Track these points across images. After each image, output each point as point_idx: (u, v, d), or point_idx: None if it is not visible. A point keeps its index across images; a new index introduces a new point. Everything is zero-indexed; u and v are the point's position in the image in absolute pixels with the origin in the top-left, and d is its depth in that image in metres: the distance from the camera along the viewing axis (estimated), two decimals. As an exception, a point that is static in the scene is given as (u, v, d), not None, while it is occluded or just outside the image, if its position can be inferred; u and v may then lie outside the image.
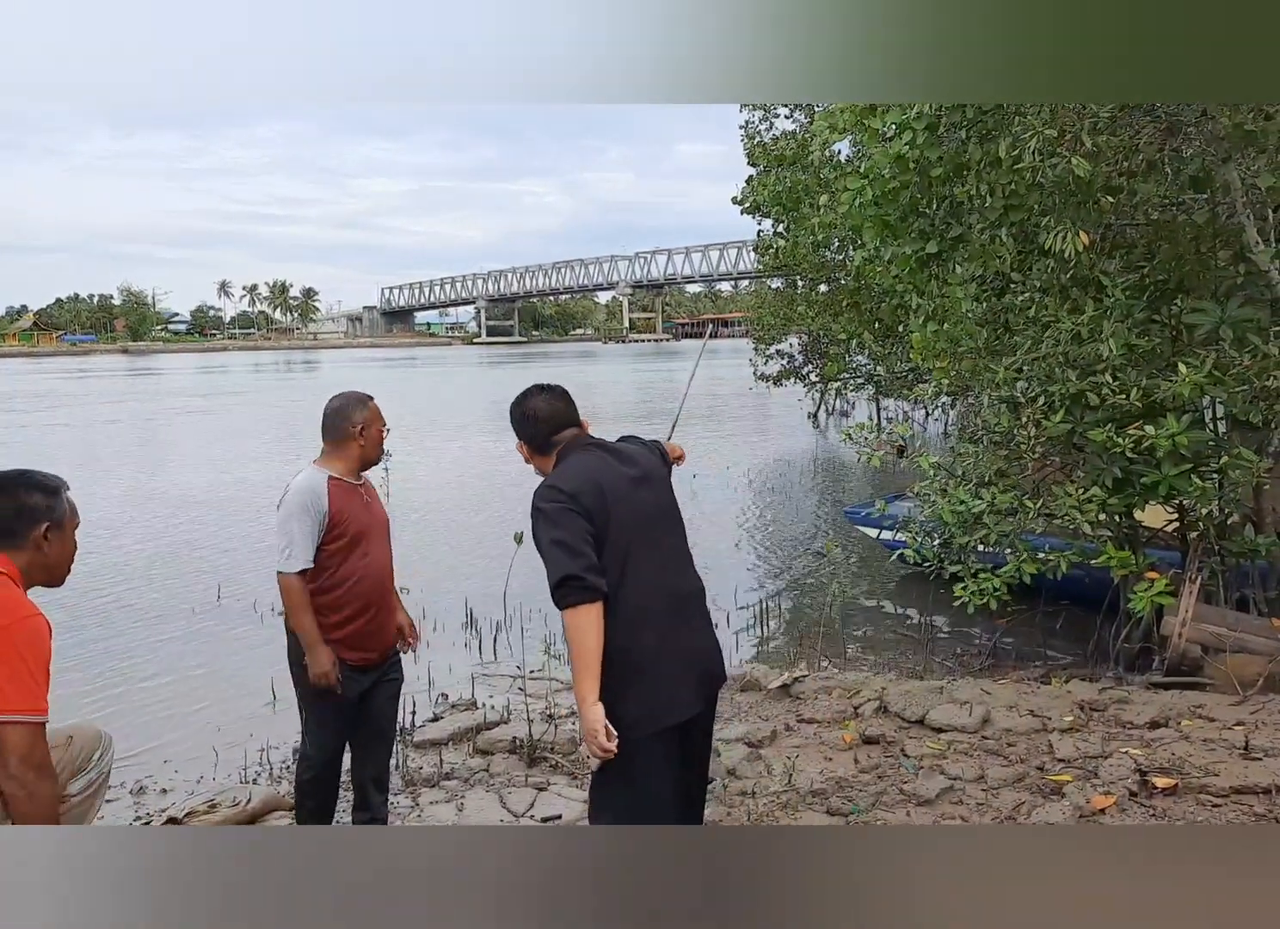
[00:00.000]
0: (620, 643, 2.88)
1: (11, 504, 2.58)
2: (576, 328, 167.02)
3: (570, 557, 2.85)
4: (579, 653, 2.85)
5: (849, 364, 18.43)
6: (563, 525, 2.89)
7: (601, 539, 2.91)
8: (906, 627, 8.20)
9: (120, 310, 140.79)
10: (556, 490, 2.95)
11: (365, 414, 3.85)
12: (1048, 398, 5.65)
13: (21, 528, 2.58)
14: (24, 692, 2.38)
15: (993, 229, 5.84)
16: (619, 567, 2.93)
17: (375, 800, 4.04)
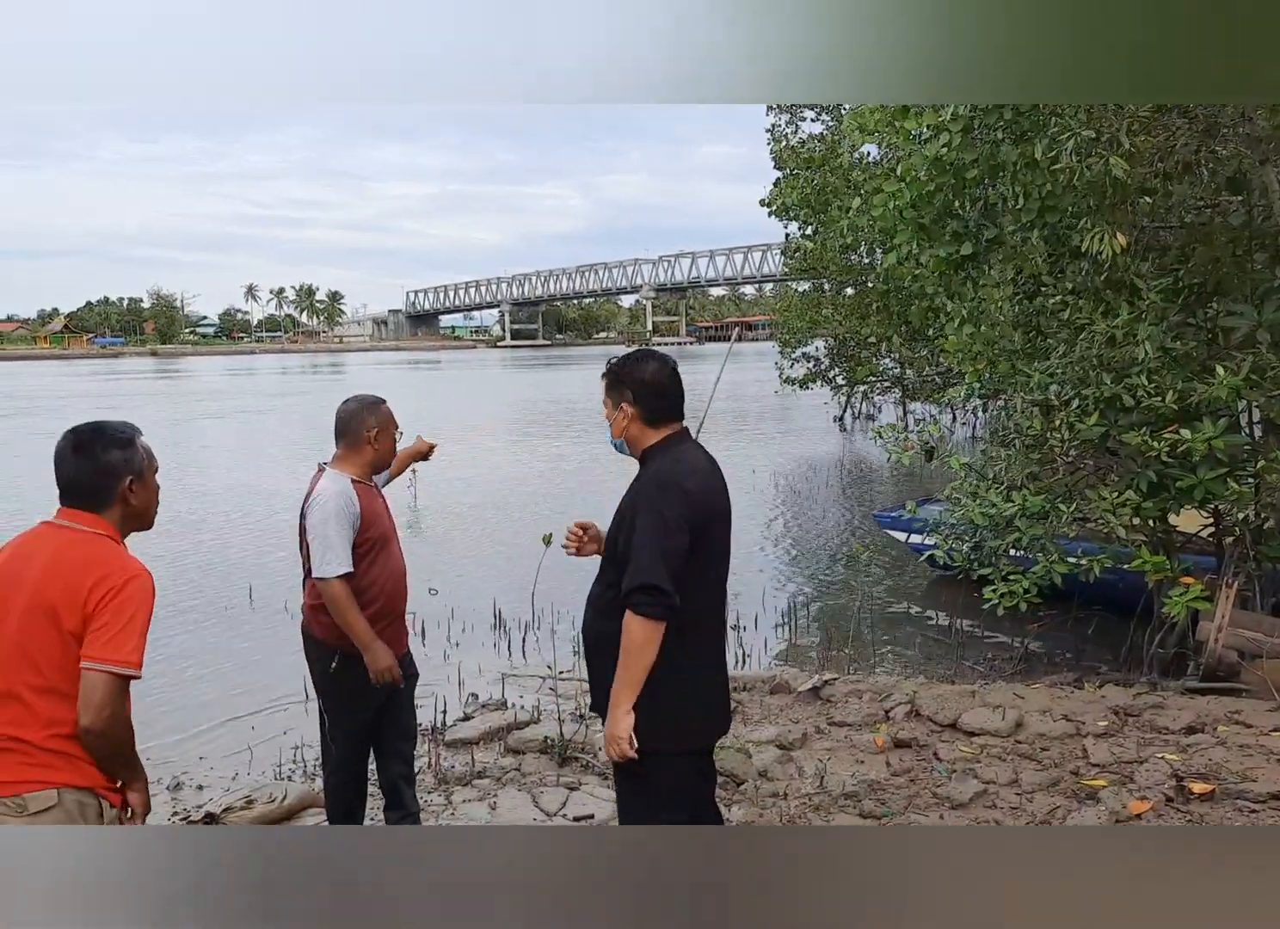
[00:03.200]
0: (677, 657, 2.83)
1: (92, 464, 2.57)
2: (600, 331, 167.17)
3: (666, 567, 2.74)
4: (632, 663, 2.78)
5: (877, 367, 18.37)
6: (673, 531, 2.77)
7: (695, 552, 2.82)
8: (936, 630, 8.17)
9: (149, 313, 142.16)
10: (682, 491, 2.82)
11: (378, 418, 3.83)
12: (1081, 401, 5.61)
13: (106, 486, 2.58)
14: (131, 646, 2.45)
15: (1025, 231, 5.82)
16: (698, 583, 2.85)
17: (408, 796, 4.06)
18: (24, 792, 2.41)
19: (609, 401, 3.02)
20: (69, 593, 2.46)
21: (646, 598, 2.73)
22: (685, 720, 2.91)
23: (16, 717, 2.44)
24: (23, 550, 2.59)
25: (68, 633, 2.44)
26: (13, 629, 2.47)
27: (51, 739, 2.44)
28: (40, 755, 2.43)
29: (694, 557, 2.83)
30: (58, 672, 2.45)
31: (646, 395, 2.96)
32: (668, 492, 2.83)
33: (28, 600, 2.48)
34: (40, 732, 2.43)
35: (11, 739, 2.43)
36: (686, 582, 2.81)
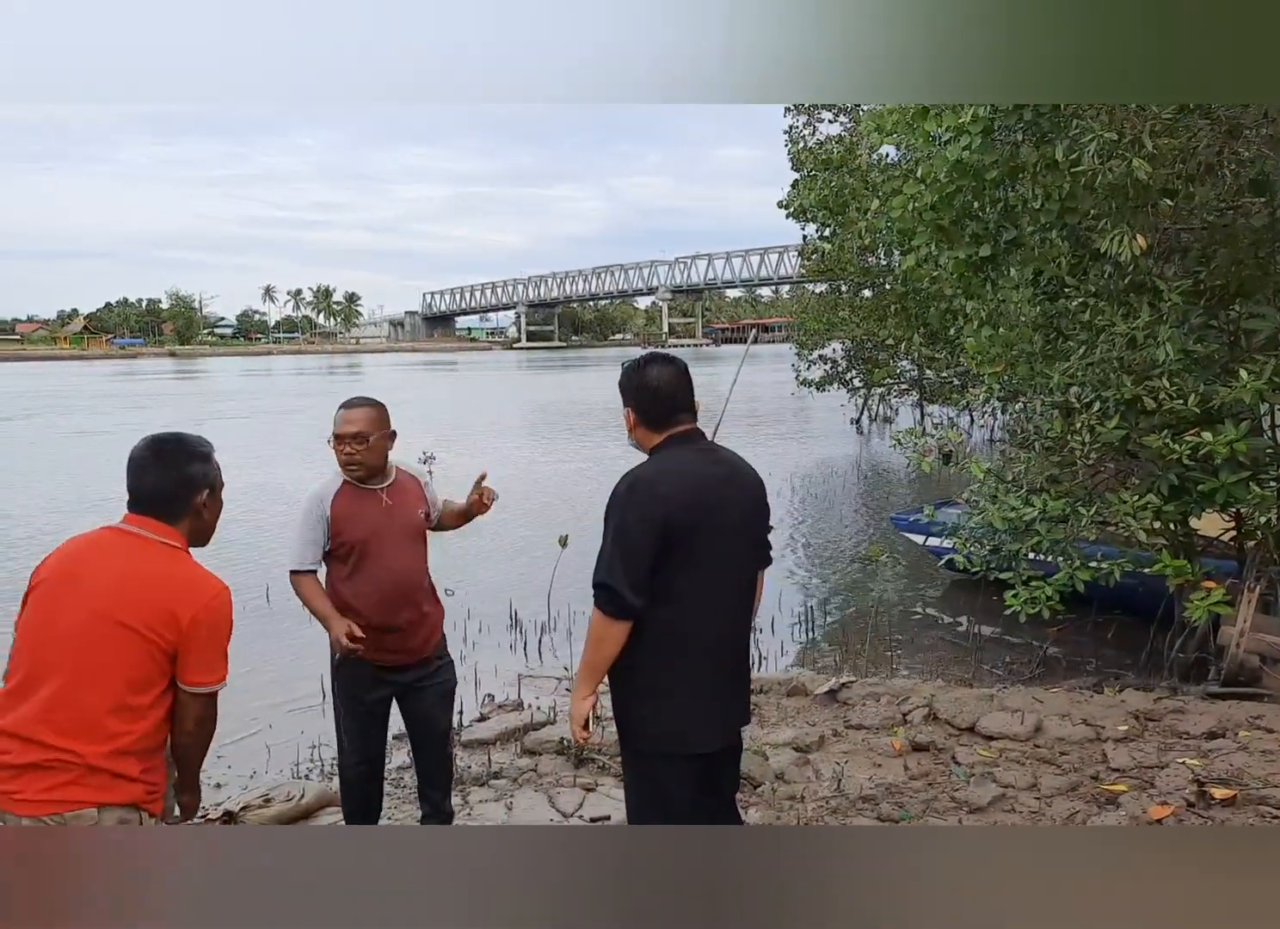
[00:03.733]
0: (664, 658, 2.85)
1: (174, 474, 2.60)
2: (616, 333, 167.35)
3: (624, 566, 2.78)
4: (592, 656, 2.87)
5: (894, 369, 18.31)
6: (635, 530, 2.80)
7: (675, 553, 2.81)
8: (954, 634, 8.13)
9: (168, 314, 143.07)
10: (650, 490, 2.84)
11: (349, 427, 3.80)
12: (1102, 403, 5.58)
13: (185, 497, 2.61)
14: (224, 663, 2.57)
15: (1045, 233, 5.79)
16: (686, 583, 2.85)
17: (433, 796, 4.08)
18: (65, 811, 2.41)
19: (623, 405, 3.08)
20: (158, 608, 2.47)
21: (602, 594, 2.82)
22: (669, 727, 2.89)
23: (76, 727, 2.42)
24: (84, 554, 2.59)
25: (155, 647, 2.46)
26: (73, 633, 2.46)
27: (108, 756, 2.43)
28: (88, 775, 2.42)
29: (670, 560, 2.81)
30: (129, 684, 2.45)
31: (645, 400, 3.00)
32: (635, 493, 2.85)
33: (98, 608, 2.47)
34: (99, 746, 2.42)
35: (65, 751, 2.41)
36: (667, 584, 2.81)
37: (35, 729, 2.42)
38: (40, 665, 2.46)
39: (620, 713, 2.97)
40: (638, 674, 2.87)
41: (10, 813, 2.43)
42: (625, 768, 3.06)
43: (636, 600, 2.79)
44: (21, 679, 2.47)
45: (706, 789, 3.02)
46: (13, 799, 2.42)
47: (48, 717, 2.42)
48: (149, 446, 2.63)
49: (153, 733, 2.52)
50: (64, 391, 46.04)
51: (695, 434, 3.02)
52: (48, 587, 2.55)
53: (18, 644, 2.53)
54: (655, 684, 2.87)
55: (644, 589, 2.79)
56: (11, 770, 2.42)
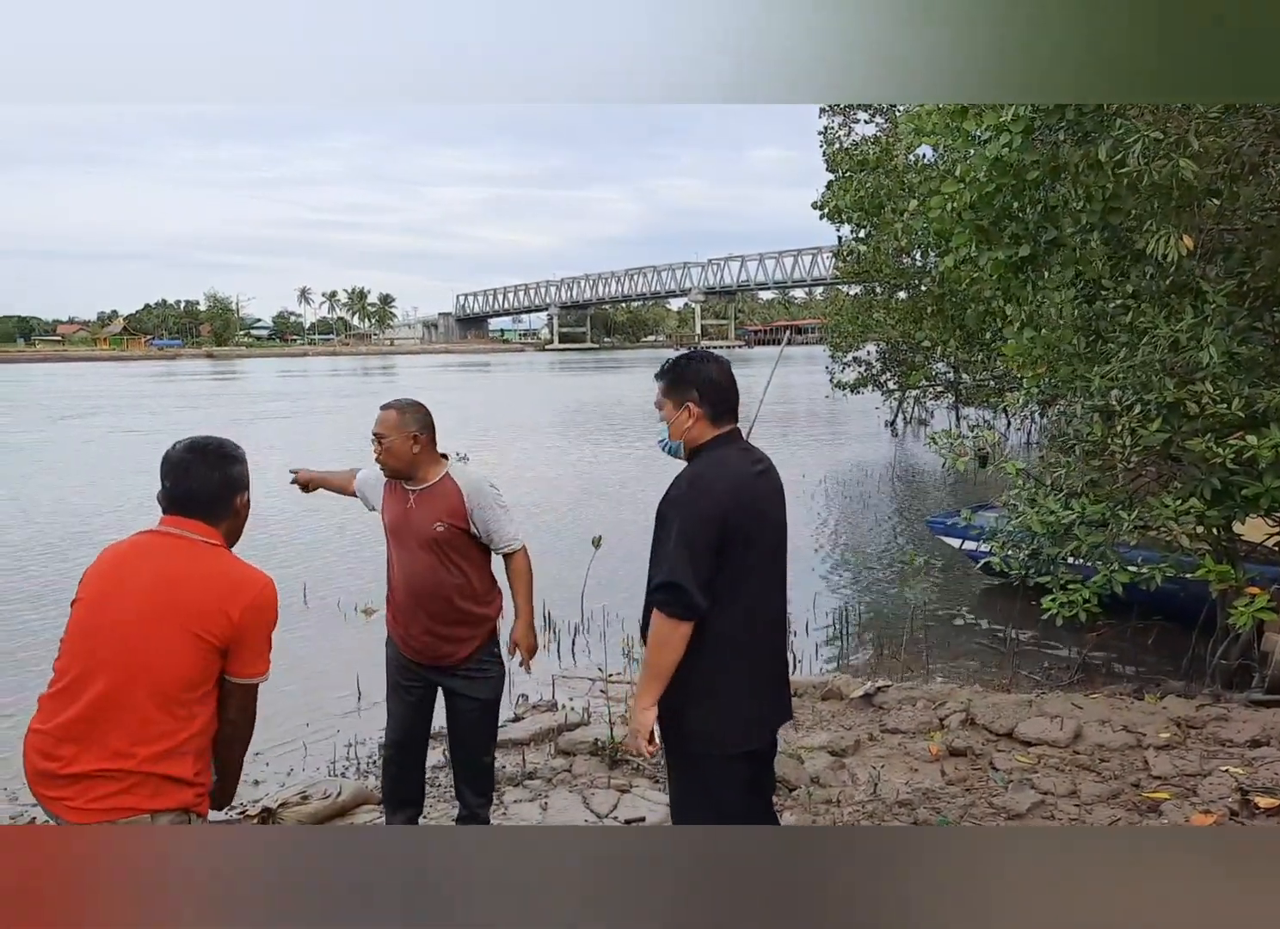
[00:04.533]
0: (717, 660, 2.84)
1: (218, 476, 2.66)
2: (649, 334, 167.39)
3: (690, 566, 2.75)
4: (656, 662, 2.81)
5: (930, 372, 18.18)
6: (699, 529, 2.78)
7: (729, 554, 2.81)
8: (991, 638, 8.06)
9: (206, 316, 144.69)
10: (710, 488, 2.84)
11: (375, 427, 3.89)
12: (1144, 406, 5.50)
13: (229, 498, 2.68)
14: (268, 656, 2.64)
15: (1085, 234, 5.72)
16: (736, 585, 2.84)
17: (469, 799, 4.10)
18: (118, 818, 2.44)
19: (670, 401, 3.00)
20: (209, 606, 2.52)
21: (667, 596, 2.76)
22: (726, 725, 2.89)
23: (128, 726, 2.45)
24: (128, 559, 2.63)
25: (208, 645, 2.50)
26: (123, 634, 2.49)
27: (160, 758, 2.47)
28: (141, 783, 2.46)
29: (726, 559, 2.81)
30: (180, 683, 2.49)
31: (711, 393, 2.96)
32: (697, 491, 2.84)
33: (148, 609, 2.50)
34: (151, 746, 2.46)
35: (117, 756, 2.44)
36: (721, 584, 2.80)
37: (86, 729, 2.45)
38: (90, 667, 2.49)
39: (671, 717, 2.91)
40: (692, 676, 2.82)
41: (65, 819, 2.46)
42: (672, 771, 3.03)
43: (703, 601, 2.76)
44: (70, 681, 2.50)
45: (753, 789, 3.03)
46: (65, 806, 2.45)
47: (98, 716, 2.45)
48: (189, 450, 2.67)
49: (203, 731, 2.55)
50: (114, 392, 46.77)
51: (737, 434, 3.04)
52: (94, 593, 2.58)
53: (64, 650, 2.57)
54: (710, 686, 2.84)
55: (708, 589, 2.77)
56: (63, 780, 2.45)
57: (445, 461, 3.93)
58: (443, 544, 3.82)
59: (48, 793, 2.48)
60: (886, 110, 16.52)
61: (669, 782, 3.13)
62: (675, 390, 2.99)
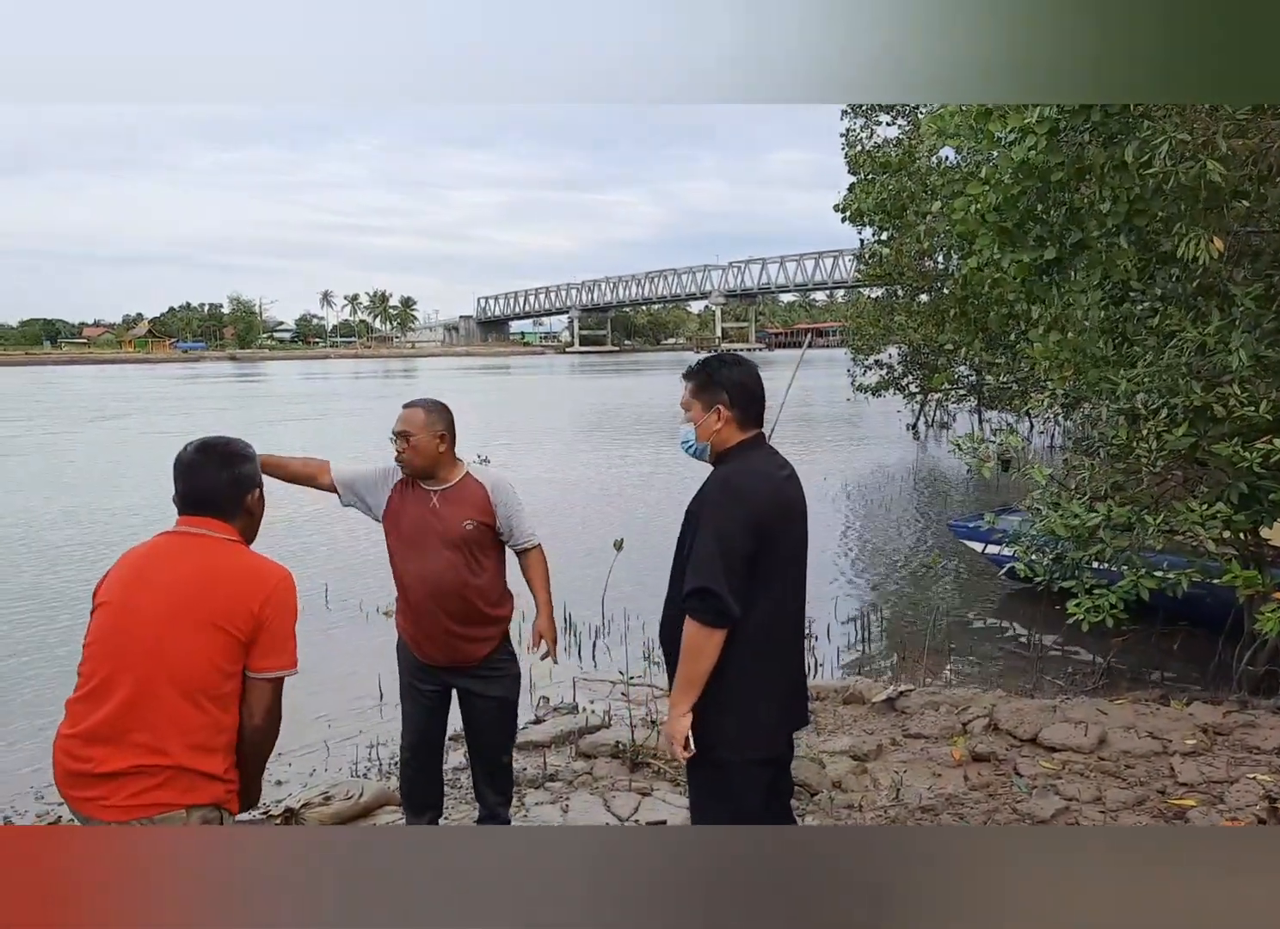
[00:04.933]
0: (740, 665, 2.82)
1: (228, 475, 2.71)
2: (669, 337, 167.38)
3: (724, 572, 2.73)
4: (689, 669, 2.80)
5: (952, 375, 18.08)
6: (733, 534, 2.76)
7: (758, 559, 2.80)
8: (1014, 643, 8.01)
9: (229, 319, 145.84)
10: (743, 492, 2.83)
11: (398, 425, 3.88)
12: (1170, 410, 5.46)
13: (238, 497, 2.71)
14: (293, 648, 2.65)
15: (1111, 236, 5.68)
16: (762, 590, 2.83)
17: (488, 799, 4.11)
18: (154, 813, 2.47)
19: (698, 404, 2.98)
20: (232, 600, 2.55)
21: (701, 603, 2.75)
22: (750, 730, 2.89)
23: (159, 721, 2.48)
24: (148, 560, 2.66)
25: (232, 638, 2.53)
26: (149, 633, 2.52)
27: (192, 752, 2.50)
28: (175, 777, 2.48)
29: (755, 565, 2.80)
30: (207, 677, 2.52)
31: (744, 397, 2.97)
32: (732, 495, 2.83)
33: (172, 606, 2.53)
34: (178, 741, 2.48)
35: (151, 752, 2.47)
36: (751, 590, 2.79)
37: (117, 728, 2.47)
38: (118, 668, 2.51)
39: (693, 722, 2.87)
40: (719, 682, 2.80)
41: (97, 818, 2.48)
42: (693, 775, 3.01)
43: (734, 606, 2.74)
44: (99, 683, 2.52)
45: (772, 793, 3.03)
46: (100, 805, 2.47)
47: (129, 714, 2.47)
48: (199, 450, 2.73)
49: (231, 726, 2.58)
50: (145, 394, 47.25)
51: (763, 438, 3.05)
52: (117, 595, 2.61)
53: (89, 653, 2.59)
54: (733, 691, 2.83)
55: (741, 595, 2.75)
56: (96, 779, 2.47)
57: (462, 463, 3.96)
58: (470, 543, 3.86)
59: (80, 794, 2.50)
60: (909, 112, 16.46)
61: (689, 785, 3.13)
62: (705, 392, 2.98)
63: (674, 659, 3.02)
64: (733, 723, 2.86)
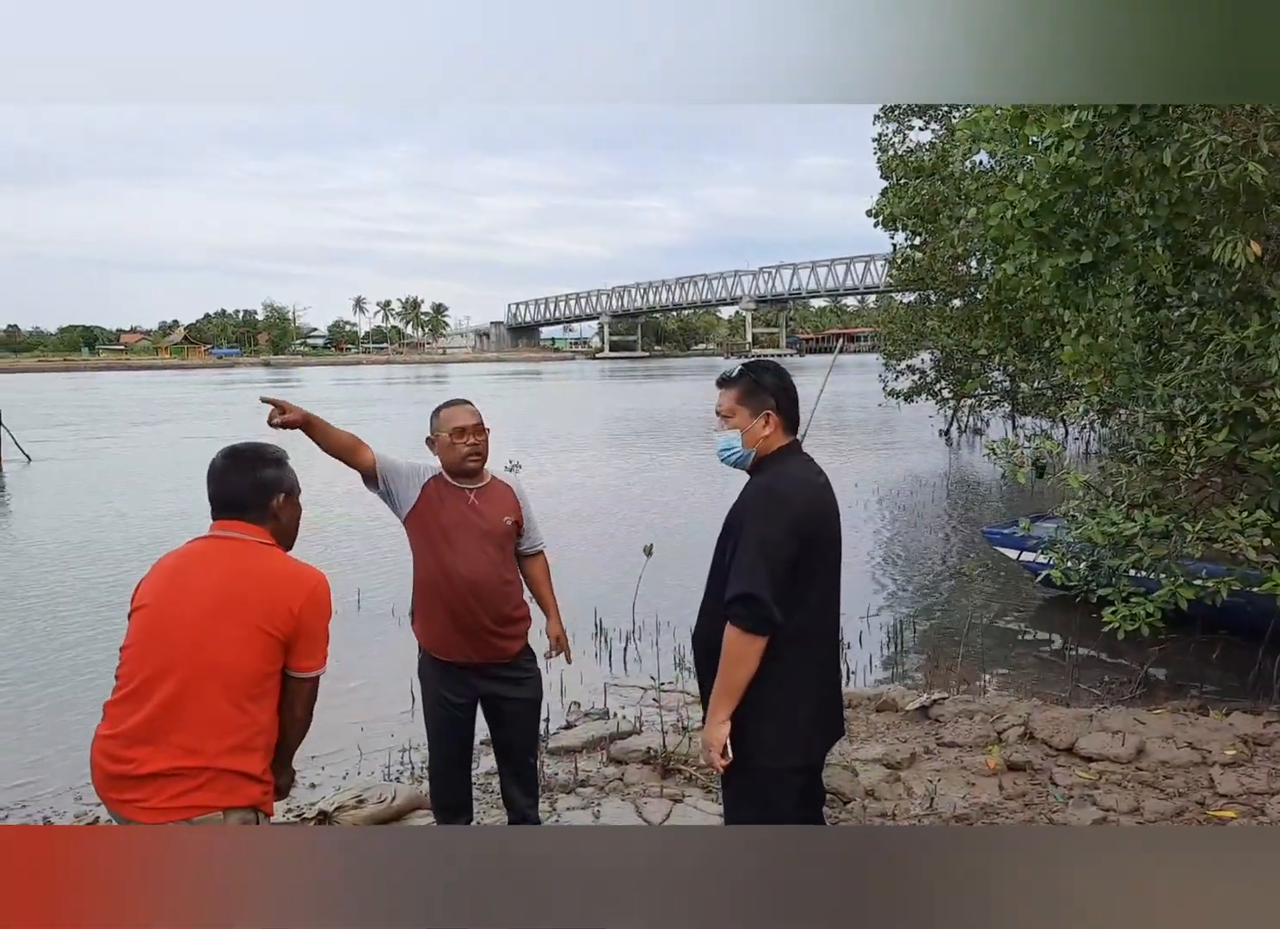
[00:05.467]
0: (778, 673, 2.80)
1: (249, 479, 2.76)
2: (699, 343, 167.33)
3: (769, 578, 2.72)
4: (729, 676, 2.78)
5: (986, 380, 17.95)
6: (777, 541, 2.75)
7: (801, 563, 2.79)
8: (1049, 651, 7.92)
9: (263, 325, 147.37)
10: (789, 500, 2.81)
11: (436, 421, 3.93)
12: (1209, 416, 5.39)
13: (261, 501, 2.76)
14: (326, 649, 2.73)
15: (1147, 240, 5.62)
16: (800, 598, 2.81)
17: (518, 803, 4.11)
18: (193, 816, 2.50)
19: (744, 410, 2.96)
20: (270, 601, 2.61)
21: (744, 609, 2.72)
22: (786, 738, 2.87)
23: (199, 722, 2.51)
24: (184, 563, 2.71)
25: (271, 639, 2.59)
26: (188, 635, 2.56)
27: (232, 753, 2.53)
28: (215, 779, 2.51)
29: (797, 571, 2.79)
30: (246, 677, 2.57)
31: (788, 403, 2.98)
32: (776, 501, 2.81)
33: (211, 607, 2.58)
34: (223, 739, 2.52)
35: (190, 753, 2.50)
36: (789, 597, 2.77)
37: (157, 729, 2.50)
38: (159, 669, 2.54)
39: (732, 731, 2.85)
40: (757, 689, 2.78)
41: (136, 821, 2.50)
42: (729, 782, 2.98)
43: (777, 613, 2.72)
44: (139, 684, 2.55)
45: (806, 800, 3.01)
46: (139, 807, 2.49)
47: (169, 715, 2.51)
48: (226, 455, 2.80)
49: (269, 727, 2.62)
50: (184, 400, 47.89)
51: (799, 444, 3.04)
52: (157, 599, 2.65)
53: (128, 656, 2.63)
54: (771, 699, 2.81)
55: (784, 602, 2.74)
56: (136, 781, 2.50)
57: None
58: (507, 540, 3.95)
59: (120, 796, 2.53)
60: (941, 117, 16.39)
61: (724, 792, 3.11)
62: (752, 398, 2.96)
63: (706, 667, 3.01)
64: (770, 730, 2.84)
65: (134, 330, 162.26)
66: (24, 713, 6.89)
